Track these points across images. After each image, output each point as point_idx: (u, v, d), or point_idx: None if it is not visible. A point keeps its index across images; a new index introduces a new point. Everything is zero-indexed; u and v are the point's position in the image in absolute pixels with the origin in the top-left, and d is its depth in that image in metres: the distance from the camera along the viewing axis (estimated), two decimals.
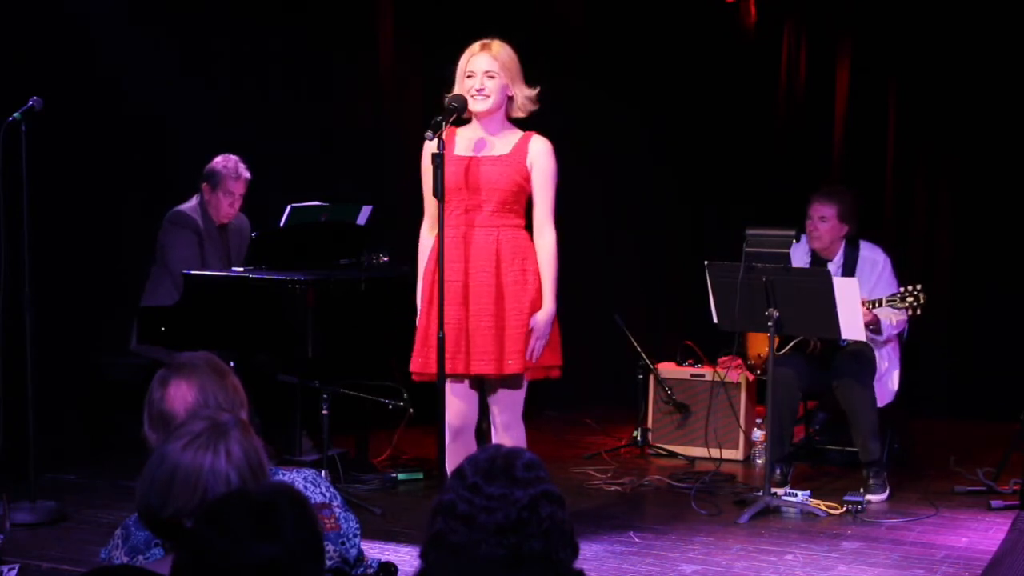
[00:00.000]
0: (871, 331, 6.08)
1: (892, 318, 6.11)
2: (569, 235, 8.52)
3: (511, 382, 4.88)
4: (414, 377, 4.93)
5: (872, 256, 6.31)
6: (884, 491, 6.08)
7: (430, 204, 4.89)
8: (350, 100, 7.71)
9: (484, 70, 4.79)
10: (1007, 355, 7.95)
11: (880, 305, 6.00)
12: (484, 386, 4.95)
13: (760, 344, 6.57)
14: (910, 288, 5.97)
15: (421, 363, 4.86)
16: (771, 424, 6.00)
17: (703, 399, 7.03)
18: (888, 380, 6.28)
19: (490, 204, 4.82)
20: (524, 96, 4.86)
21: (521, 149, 4.86)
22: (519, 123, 4.96)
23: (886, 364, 6.24)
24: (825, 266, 6.21)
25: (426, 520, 2.26)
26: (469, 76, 4.81)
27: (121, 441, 5.99)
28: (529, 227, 4.93)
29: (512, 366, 4.82)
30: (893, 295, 6.01)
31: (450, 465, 4.78)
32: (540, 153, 4.87)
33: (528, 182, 4.86)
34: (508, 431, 4.89)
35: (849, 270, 6.23)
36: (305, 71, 7.47)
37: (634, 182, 8.79)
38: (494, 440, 4.93)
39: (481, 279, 4.79)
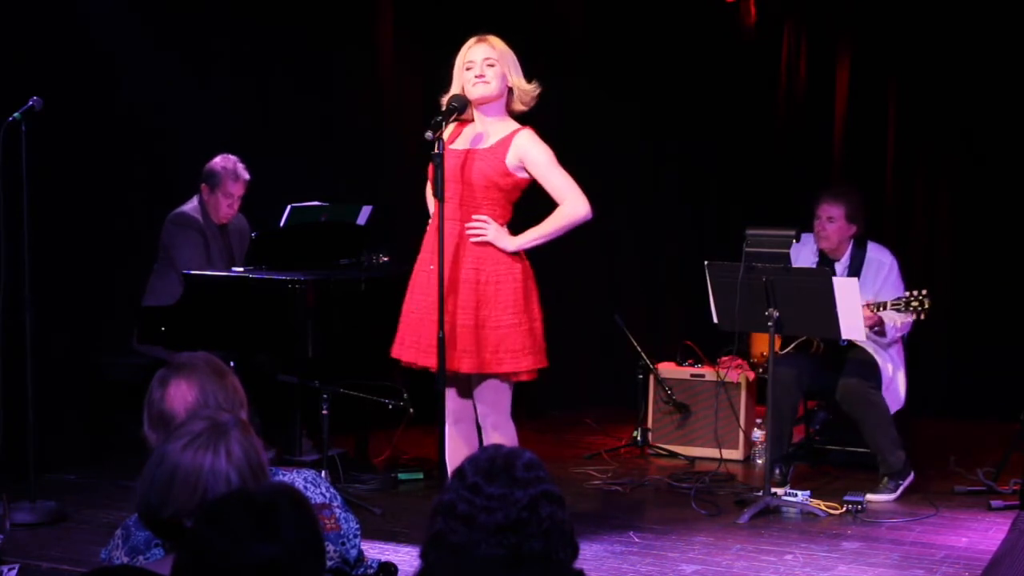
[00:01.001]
0: (875, 332, 6.07)
1: (897, 320, 6.09)
2: (569, 234, 8.53)
3: (488, 383, 4.85)
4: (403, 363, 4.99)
5: (879, 257, 6.30)
6: (893, 495, 6.06)
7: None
8: (350, 100, 7.71)
9: (484, 58, 4.80)
10: (1007, 355, 7.95)
11: (884, 309, 5.99)
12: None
13: (764, 343, 6.57)
14: (915, 293, 5.95)
15: (395, 349, 4.95)
16: (770, 424, 6.01)
17: (703, 399, 7.03)
18: (896, 386, 6.26)
19: (464, 196, 4.81)
20: (526, 89, 4.86)
21: (504, 144, 4.82)
22: (523, 118, 4.94)
23: (891, 368, 6.22)
24: (832, 266, 6.20)
25: (426, 520, 2.26)
26: (468, 67, 4.81)
27: (121, 441, 6.00)
28: (510, 226, 4.89)
29: (457, 364, 4.79)
30: (898, 299, 5.99)
31: (448, 448, 4.83)
32: (524, 147, 4.82)
33: (504, 178, 4.81)
34: (496, 431, 4.86)
35: (855, 271, 6.21)
36: (305, 71, 7.47)
37: (634, 182, 8.79)
38: (485, 442, 4.91)
39: (436, 272, 4.75)
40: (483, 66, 4.79)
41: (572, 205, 4.87)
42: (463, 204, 4.82)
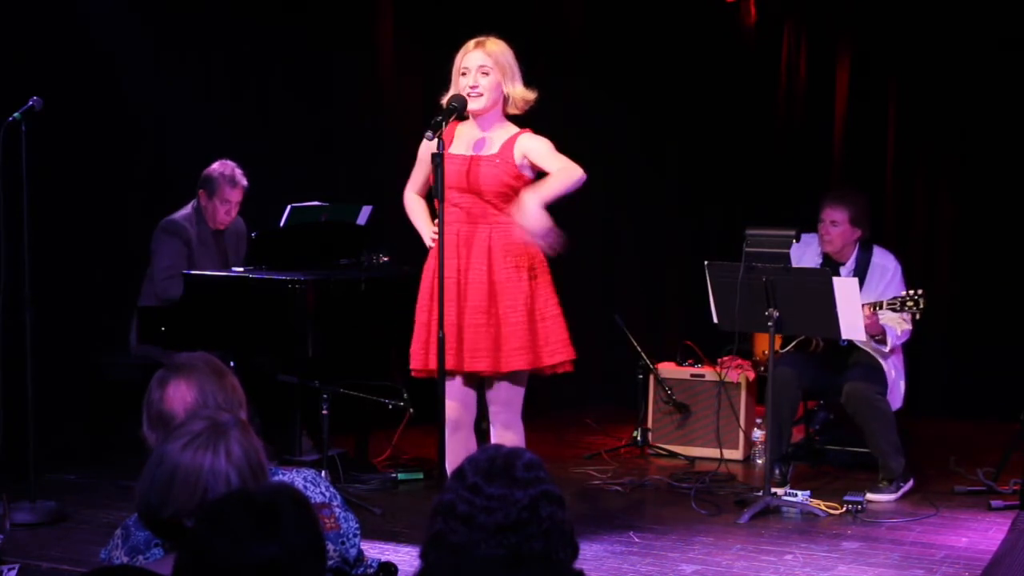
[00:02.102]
0: (876, 342, 6.06)
1: (898, 328, 6.09)
2: (569, 234, 8.52)
3: (509, 380, 4.87)
4: (414, 374, 4.94)
5: (883, 263, 6.29)
6: (893, 495, 6.06)
7: (418, 172, 5.02)
8: (350, 100, 7.71)
9: (478, 66, 4.79)
10: (1007, 355, 7.94)
11: (880, 308, 5.99)
12: (483, 384, 4.95)
13: (767, 342, 6.56)
14: (910, 292, 5.96)
15: (421, 359, 4.88)
16: (770, 423, 6.00)
17: (703, 399, 7.02)
18: (897, 389, 6.26)
19: (480, 203, 4.81)
20: (519, 94, 4.85)
21: (508, 148, 4.83)
22: (517, 120, 4.95)
23: (893, 373, 6.22)
24: (837, 270, 6.18)
25: (426, 520, 2.26)
26: (463, 73, 4.81)
27: (121, 441, 5.98)
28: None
29: (510, 363, 4.81)
30: (894, 299, 5.99)
31: (448, 459, 4.80)
32: (526, 143, 4.84)
33: (518, 180, 4.82)
34: (507, 430, 4.87)
35: (860, 275, 6.18)
36: (305, 71, 7.47)
37: (634, 182, 8.79)
38: (493, 440, 4.91)
39: (474, 276, 4.78)
40: (477, 75, 4.79)
41: (568, 167, 4.82)
42: (479, 211, 4.82)
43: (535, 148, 4.85)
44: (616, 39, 8.58)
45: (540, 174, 4.89)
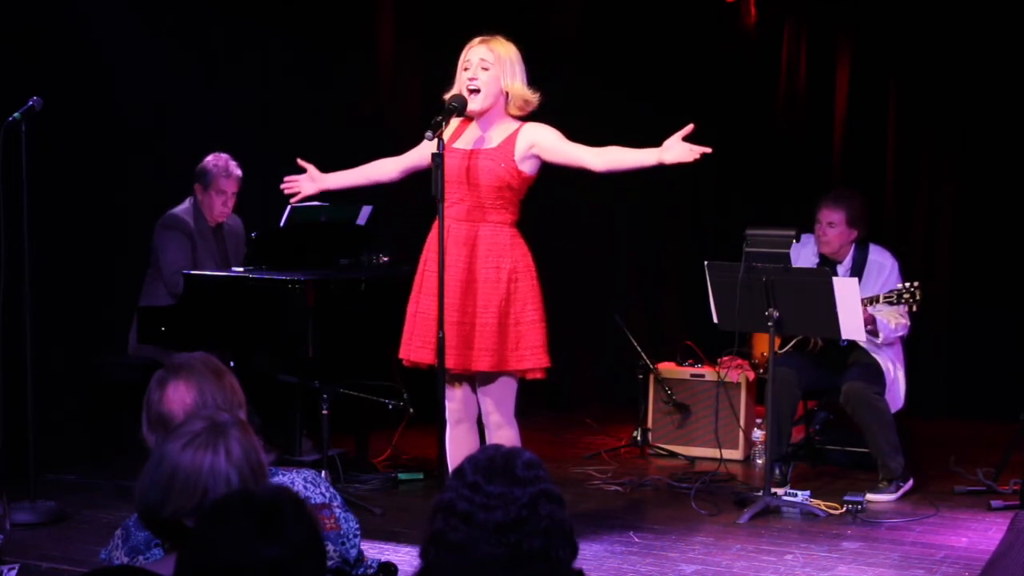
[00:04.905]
0: (867, 331, 6.07)
1: (892, 320, 6.09)
2: (569, 235, 8.52)
3: (497, 380, 4.85)
4: (404, 363, 4.98)
5: (880, 260, 6.30)
6: (893, 495, 6.07)
7: (409, 152, 5.13)
8: (350, 100, 7.71)
9: (479, 59, 4.80)
10: (1007, 355, 7.94)
11: (877, 302, 6.00)
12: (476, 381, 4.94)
13: (766, 343, 6.56)
14: (906, 285, 5.97)
15: (403, 350, 4.94)
16: (770, 423, 6.00)
17: (703, 399, 7.03)
18: (897, 389, 6.26)
19: (473, 198, 4.82)
20: (519, 92, 4.85)
21: (510, 142, 4.83)
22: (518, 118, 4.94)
23: (892, 374, 6.22)
24: (834, 269, 6.19)
25: (426, 519, 2.26)
26: (465, 68, 4.83)
27: (121, 441, 5.99)
28: (518, 225, 4.90)
29: (475, 363, 4.79)
30: (890, 292, 6.00)
31: (450, 452, 4.83)
32: (532, 132, 4.84)
33: (515, 177, 4.82)
34: (500, 429, 4.86)
35: (857, 273, 6.20)
36: (305, 71, 7.46)
37: (634, 182, 8.76)
38: (488, 439, 4.92)
39: (452, 272, 4.77)
40: (477, 68, 4.80)
41: (597, 149, 4.90)
42: (472, 206, 4.82)
43: (544, 137, 4.85)
44: (616, 39, 8.58)
45: (545, 177, 4.90)
